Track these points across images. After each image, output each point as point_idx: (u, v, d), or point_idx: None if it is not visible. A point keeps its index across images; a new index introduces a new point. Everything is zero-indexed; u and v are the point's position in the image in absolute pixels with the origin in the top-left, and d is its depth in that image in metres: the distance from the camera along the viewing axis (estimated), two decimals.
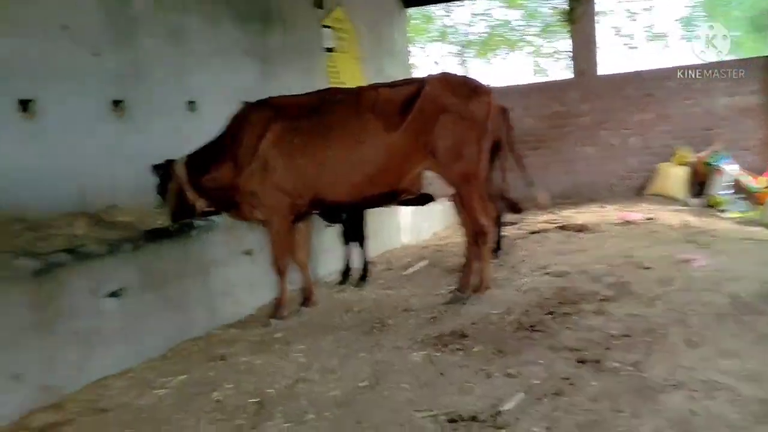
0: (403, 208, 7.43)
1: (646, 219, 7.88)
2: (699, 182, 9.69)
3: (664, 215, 8.14)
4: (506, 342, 3.75)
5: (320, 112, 4.50)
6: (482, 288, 4.73)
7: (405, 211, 7.84)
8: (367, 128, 4.39)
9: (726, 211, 8.47)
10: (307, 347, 3.96)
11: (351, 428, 2.81)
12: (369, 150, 4.39)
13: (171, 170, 4.65)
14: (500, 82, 11.72)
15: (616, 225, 7.63)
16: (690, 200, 9.45)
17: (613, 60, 16.55)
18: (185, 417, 3.07)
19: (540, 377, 3.19)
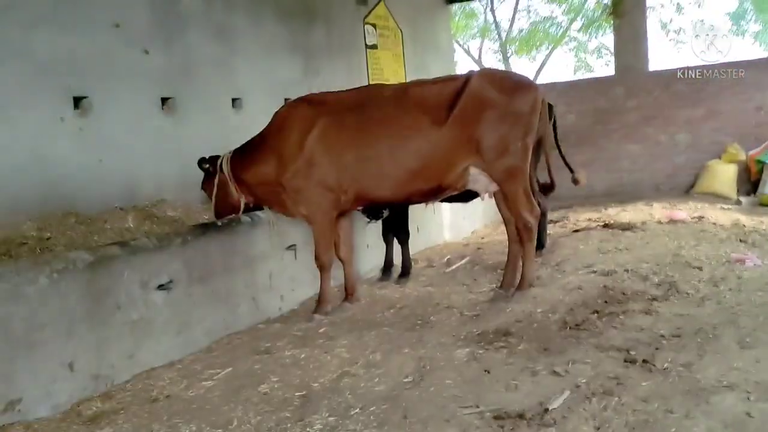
0: (444, 206, 7.40)
1: (695, 218, 7.66)
2: (751, 180, 9.40)
3: (714, 214, 7.89)
4: (551, 340, 3.69)
5: (366, 109, 4.50)
6: (524, 285, 4.68)
7: (445, 209, 7.81)
8: (413, 124, 4.38)
9: None
10: (351, 342, 3.97)
11: (397, 423, 2.81)
12: (414, 146, 4.39)
13: (216, 165, 4.72)
14: (542, 78, 11.55)
15: (663, 223, 7.40)
16: (741, 199, 9.17)
17: (660, 55, 16.20)
18: (233, 408, 3.11)
19: (587, 376, 3.13)
